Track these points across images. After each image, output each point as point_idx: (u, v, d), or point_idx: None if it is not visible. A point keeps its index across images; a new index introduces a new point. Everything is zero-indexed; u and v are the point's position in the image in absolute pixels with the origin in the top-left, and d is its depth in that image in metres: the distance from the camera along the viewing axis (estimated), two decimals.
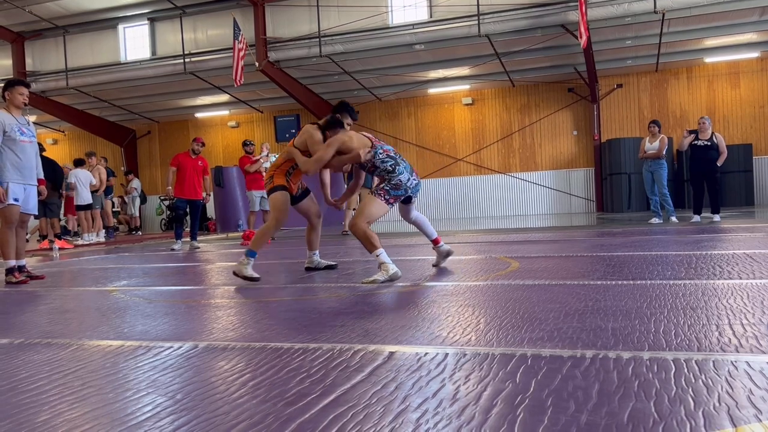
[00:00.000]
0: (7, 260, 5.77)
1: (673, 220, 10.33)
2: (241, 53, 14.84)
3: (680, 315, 2.79)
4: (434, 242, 5.27)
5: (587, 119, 17.79)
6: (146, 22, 17.52)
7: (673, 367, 2.00)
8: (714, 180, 10.33)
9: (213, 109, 20.77)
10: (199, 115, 21.20)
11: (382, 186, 4.76)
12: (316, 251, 5.71)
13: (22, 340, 3.00)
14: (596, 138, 17.39)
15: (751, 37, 15.28)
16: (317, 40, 15.43)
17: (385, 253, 4.54)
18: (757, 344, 2.24)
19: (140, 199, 18.09)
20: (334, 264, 5.70)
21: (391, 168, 4.75)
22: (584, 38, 12.96)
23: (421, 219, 5.28)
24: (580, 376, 1.94)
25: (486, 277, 4.48)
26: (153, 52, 17.55)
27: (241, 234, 10.41)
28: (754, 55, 16.25)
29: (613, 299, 3.26)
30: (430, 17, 15.34)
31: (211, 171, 14.69)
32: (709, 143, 10.21)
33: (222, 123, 21.34)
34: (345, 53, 15.63)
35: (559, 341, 2.41)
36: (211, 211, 17.82)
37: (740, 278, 3.80)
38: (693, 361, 2.05)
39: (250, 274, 4.91)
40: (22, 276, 5.80)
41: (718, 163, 10.22)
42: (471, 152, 18.91)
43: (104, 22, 17.61)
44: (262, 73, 15.77)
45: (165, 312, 3.66)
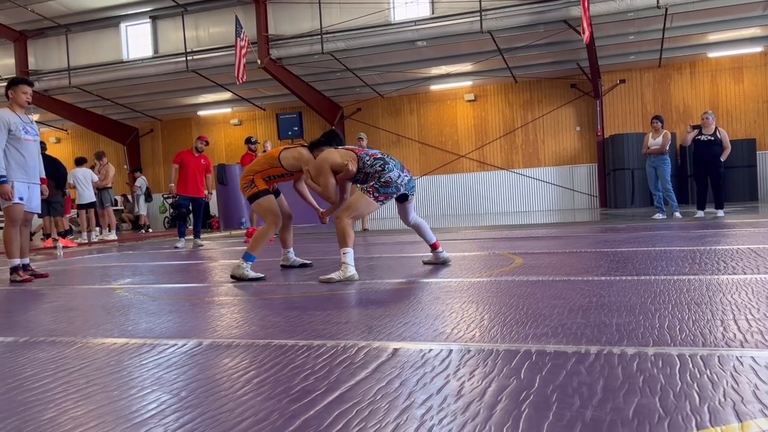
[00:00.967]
0: (12, 259, 5.78)
1: (676, 215, 10.31)
2: (243, 51, 14.83)
3: (685, 310, 2.79)
4: (432, 247, 5.22)
5: (590, 115, 17.75)
6: (148, 20, 17.52)
7: (678, 362, 2.00)
8: (717, 175, 10.30)
9: (215, 107, 20.77)
10: (202, 113, 21.21)
11: (371, 183, 4.75)
12: (291, 249, 5.73)
13: (27, 338, 3.01)
14: (599, 134, 17.36)
15: (754, 31, 15.23)
16: (319, 37, 15.42)
17: (353, 255, 4.54)
18: (762, 339, 2.23)
19: (146, 196, 18.07)
20: (310, 263, 5.72)
21: (380, 168, 4.75)
22: (587, 34, 12.92)
23: (421, 223, 5.25)
24: (584, 372, 1.94)
25: (489, 273, 4.48)
26: (155, 50, 17.57)
27: (244, 231, 10.41)
28: (757, 49, 16.19)
29: (617, 295, 3.26)
30: (432, 13, 15.33)
31: (213, 169, 14.69)
32: (712, 138, 10.18)
33: (224, 121, 21.34)
34: (347, 50, 15.61)
35: (564, 337, 2.40)
36: (214, 209, 17.83)
37: (744, 273, 3.79)
38: (698, 357, 2.05)
39: (253, 275, 4.92)
40: (26, 274, 5.82)
41: (722, 158, 10.20)
42: (474, 149, 18.89)
43: (106, 20, 17.62)
44: (264, 70, 15.77)
45: (169, 310, 3.66)
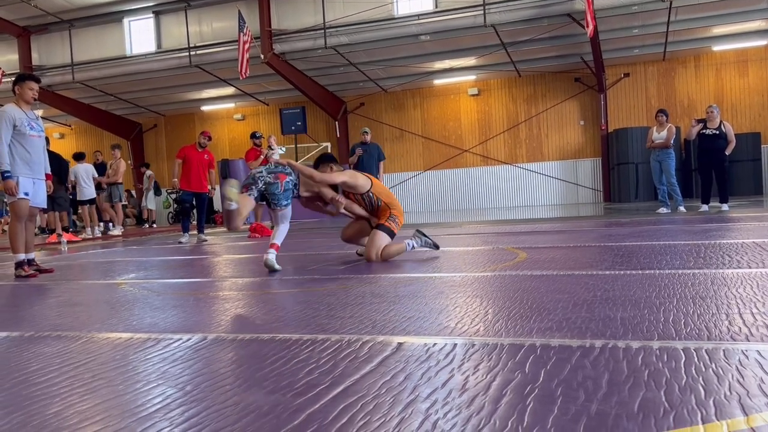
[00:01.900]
0: (17, 254, 5.79)
1: (681, 209, 10.28)
2: (246, 46, 14.82)
3: (689, 304, 2.78)
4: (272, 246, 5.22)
5: (594, 109, 17.70)
6: (151, 15, 17.52)
7: (683, 356, 1.99)
8: (722, 169, 10.27)
9: (219, 102, 20.78)
10: (205, 108, 21.22)
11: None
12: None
13: (32, 333, 3.01)
14: (603, 128, 17.31)
15: (759, 24, 15.15)
16: (322, 31, 15.40)
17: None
18: (767, 333, 2.23)
19: (155, 190, 18.05)
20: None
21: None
22: (591, 27, 12.88)
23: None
24: (589, 366, 1.94)
25: (494, 267, 4.48)
26: (158, 45, 17.56)
27: (248, 227, 10.41)
28: (762, 42, 16.11)
29: (621, 289, 3.25)
30: (436, 7, 15.28)
31: (217, 164, 14.70)
32: (717, 132, 10.14)
33: (228, 116, 21.35)
34: (350, 45, 15.59)
35: (568, 331, 2.40)
36: (218, 204, 17.85)
37: (749, 267, 3.78)
38: (703, 351, 2.04)
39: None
40: (31, 270, 5.83)
41: (727, 152, 10.16)
42: (477, 143, 18.86)
43: (109, 15, 17.61)
44: (268, 65, 15.75)
45: (173, 304, 3.67)
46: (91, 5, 17.01)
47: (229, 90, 19.38)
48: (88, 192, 12.71)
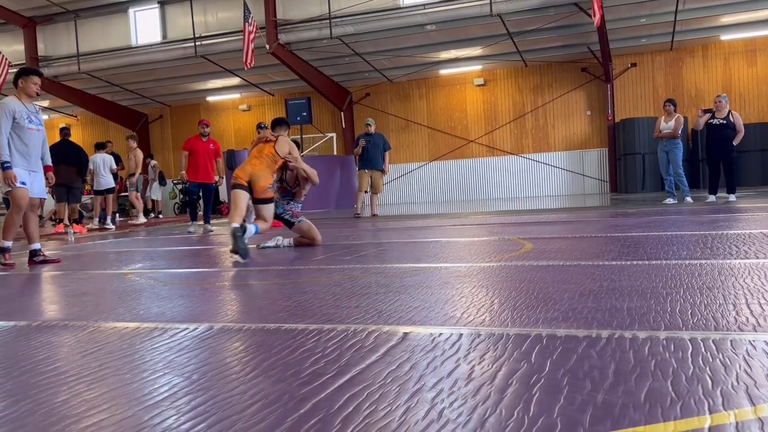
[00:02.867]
0: (5, 241, 5.89)
1: (688, 200, 10.24)
2: (252, 36, 14.78)
3: (696, 295, 2.77)
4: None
5: (601, 99, 17.61)
6: (156, 5, 17.50)
7: (690, 346, 1.99)
8: (730, 159, 10.20)
9: (224, 93, 20.77)
10: (211, 98, 21.22)
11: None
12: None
13: (40, 322, 3.03)
14: (610, 118, 17.23)
15: None
16: (328, 21, 15.34)
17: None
18: None
19: (160, 181, 18.09)
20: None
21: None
22: (598, 17, 12.79)
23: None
24: (595, 356, 1.93)
25: (499, 258, 4.47)
26: (164, 35, 17.55)
27: (254, 218, 10.41)
28: None
29: (628, 279, 3.24)
30: None
31: (223, 154, 14.71)
32: (724, 122, 10.07)
33: (233, 106, 21.34)
34: (356, 34, 15.53)
35: (575, 321, 2.40)
36: (224, 195, 17.87)
37: (757, 258, 3.76)
38: (710, 341, 2.04)
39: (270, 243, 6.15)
40: (11, 259, 5.95)
41: (735, 143, 10.10)
42: (483, 133, 18.81)
43: (115, 5, 17.61)
44: (273, 55, 15.72)
45: (180, 294, 3.68)
46: None
47: (235, 80, 19.36)
48: (104, 182, 12.73)
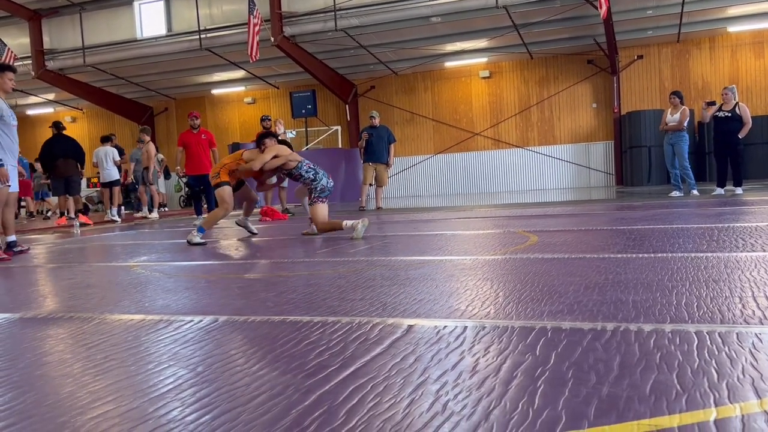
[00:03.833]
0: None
1: (694, 193, 10.19)
2: (257, 28, 14.76)
3: (702, 287, 2.76)
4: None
5: (607, 91, 17.53)
6: None
7: (695, 339, 1.98)
8: (736, 152, 10.15)
9: (229, 86, 20.75)
10: (216, 91, 21.21)
11: (313, 195, 6.35)
12: (248, 218, 7.40)
13: (45, 314, 3.04)
14: (616, 110, 17.15)
15: None
16: (333, 13, 15.29)
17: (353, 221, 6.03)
18: None
19: (164, 174, 18.04)
20: (256, 232, 7.23)
21: (312, 177, 6.34)
22: (604, 8, 12.72)
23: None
24: (601, 349, 1.93)
25: (504, 251, 4.46)
26: (169, 28, 17.52)
27: (258, 210, 10.43)
28: None
29: (633, 272, 3.23)
30: None
31: (228, 147, 14.72)
32: (729, 114, 10.01)
33: (238, 99, 21.33)
34: (361, 27, 15.48)
35: (579, 314, 2.39)
36: None
37: (764, 251, 3.74)
38: (716, 334, 2.03)
39: (198, 240, 6.24)
40: (17, 249, 6.28)
41: (740, 135, 10.03)
42: (488, 126, 18.76)
43: None
44: (278, 48, 15.69)
45: (185, 287, 3.69)
46: None
47: (240, 73, 19.34)
48: (107, 174, 12.76)
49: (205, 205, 11.08)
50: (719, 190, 10.08)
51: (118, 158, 12.97)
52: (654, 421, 1.38)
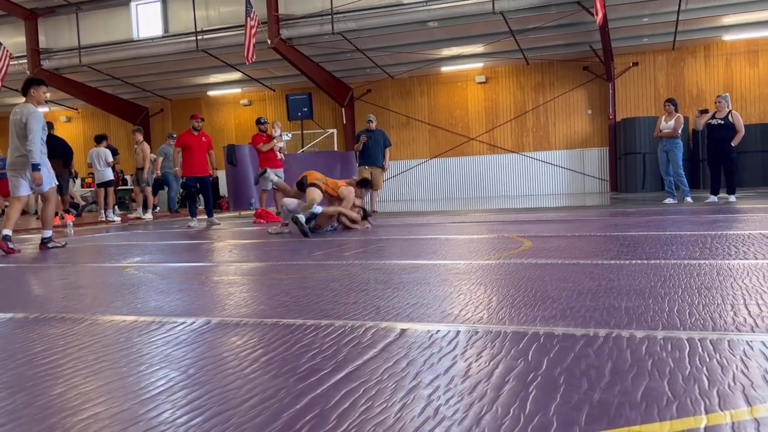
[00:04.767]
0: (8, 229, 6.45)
1: (687, 200, 10.23)
2: (253, 30, 14.75)
3: (695, 294, 2.77)
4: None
5: (602, 98, 17.59)
6: None
7: (687, 346, 1.99)
8: (729, 160, 10.19)
9: (225, 87, 20.73)
10: (212, 93, 21.18)
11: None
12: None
13: (37, 314, 3.03)
14: (611, 117, 17.21)
15: None
16: (329, 17, 15.31)
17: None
18: None
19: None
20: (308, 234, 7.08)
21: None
22: (600, 15, 12.77)
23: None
24: (593, 355, 1.93)
25: (498, 255, 4.47)
26: (165, 29, 17.50)
27: (253, 212, 10.43)
28: None
29: (626, 278, 3.24)
30: None
31: (224, 149, 14.70)
32: (722, 122, 10.05)
33: (234, 101, 21.31)
34: (357, 30, 15.50)
35: (572, 320, 2.40)
36: (223, 189, 17.86)
37: (756, 258, 3.76)
38: (707, 341, 2.04)
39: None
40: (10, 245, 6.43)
41: (733, 143, 10.07)
42: (484, 131, 18.79)
43: None
44: (274, 50, 15.69)
45: (178, 288, 3.68)
46: None
47: (236, 75, 19.32)
48: (101, 175, 12.74)
49: (201, 206, 11.06)
50: (713, 198, 10.12)
51: (111, 159, 12.95)
52: (645, 427, 1.38)
